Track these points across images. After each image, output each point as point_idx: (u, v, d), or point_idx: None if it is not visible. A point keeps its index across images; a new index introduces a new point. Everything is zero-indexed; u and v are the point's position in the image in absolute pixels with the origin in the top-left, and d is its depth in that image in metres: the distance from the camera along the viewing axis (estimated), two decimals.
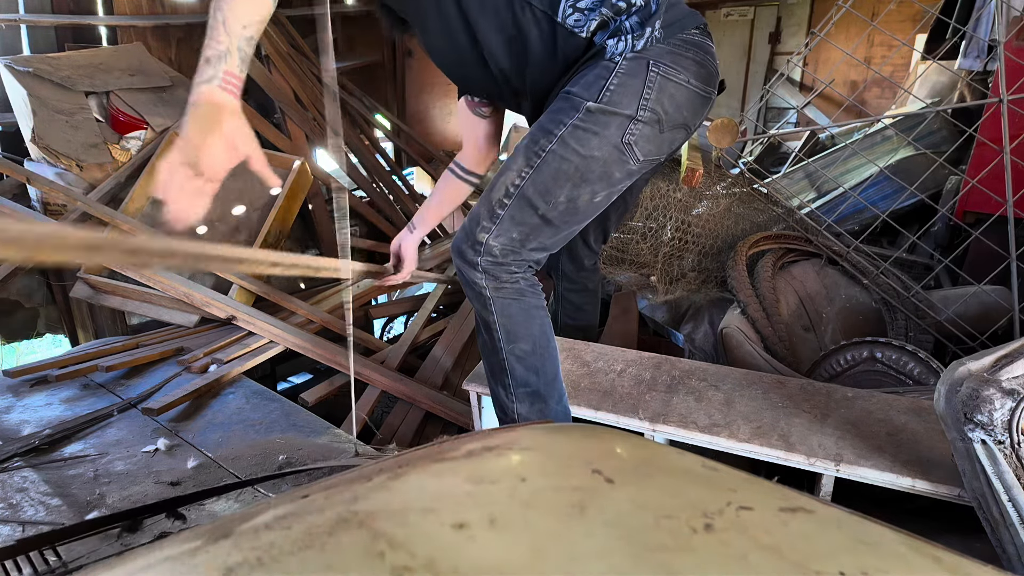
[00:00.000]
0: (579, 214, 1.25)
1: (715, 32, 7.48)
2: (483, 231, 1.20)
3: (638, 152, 1.21)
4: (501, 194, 1.21)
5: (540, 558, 0.36)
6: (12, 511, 1.17)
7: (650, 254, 2.28)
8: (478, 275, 1.21)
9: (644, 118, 1.17)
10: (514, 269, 1.22)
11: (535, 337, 1.24)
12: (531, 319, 1.24)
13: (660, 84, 1.17)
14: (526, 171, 1.20)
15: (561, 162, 1.18)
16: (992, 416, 0.86)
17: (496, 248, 1.20)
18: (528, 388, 1.25)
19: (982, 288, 2.03)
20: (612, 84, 1.16)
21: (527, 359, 1.24)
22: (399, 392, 1.98)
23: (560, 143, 1.17)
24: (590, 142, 1.17)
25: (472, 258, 1.21)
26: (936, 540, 0.44)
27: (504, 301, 1.22)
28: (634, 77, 1.16)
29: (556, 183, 1.19)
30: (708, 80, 1.25)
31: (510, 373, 1.25)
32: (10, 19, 2.44)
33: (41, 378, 1.73)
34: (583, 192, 1.21)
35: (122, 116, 2.35)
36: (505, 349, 1.24)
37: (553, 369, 1.27)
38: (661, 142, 1.24)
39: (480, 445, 0.50)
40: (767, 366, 1.71)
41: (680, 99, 1.20)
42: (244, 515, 0.42)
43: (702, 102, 1.26)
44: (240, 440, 1.47)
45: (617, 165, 1.21)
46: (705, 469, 0.49)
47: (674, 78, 1.18)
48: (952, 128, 2.99)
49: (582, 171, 1.18)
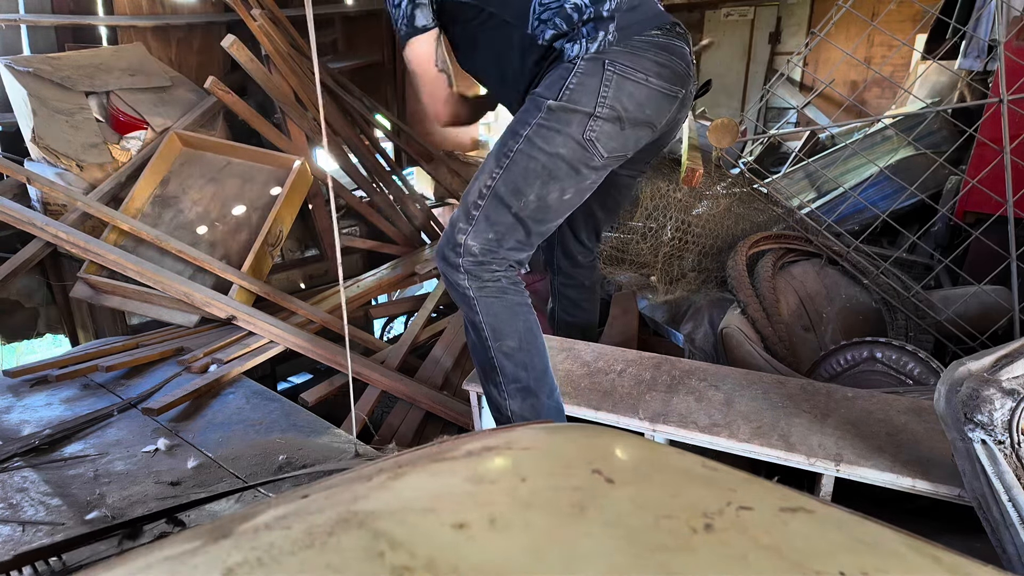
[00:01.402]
0: (551, 211, 1.29)
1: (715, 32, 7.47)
2: (461, 232, 1.25)
3: (601, 148, 1.26)
4: (475, 196, 1.26)
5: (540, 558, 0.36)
6: (12, 511, 1.17)
7: (650, 254, 2.28)
8: (460, 276, 1.25)
9: (603, 115, 1.23)
10: (495, 268, 1.26)
11: (520, 333, 1.27)
12: (515, 316, 1.27)
13: (617, 82, 1.23)
14: (496, 172, 1.25)
15: (528, 160, 1.23)
16: (992, 416, 0.86)
17: (475, 248, 1.24)
18: (518, 384, 1.28)
19: (982, 288, 2.03)
20: (571, 83, 1.23)
21: (515, 355, 1.27)
22: (399, 392, 1.98)
23: (526, 142, 1.24)
24: (554, 139, 1.23)
25: (454, 260, 1.25)
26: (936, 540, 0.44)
27: (488, 300, 1.26)
28: (591, 76, 1.23)
29: (525, 182, 1.24)
30: (673, 80, 1.29)
31: (500, 370, 1.28)
32: (10, 19, 2.44)
33: (41, 378, 1.73)
34: (552, 190, 1.25)
35: (122, 116, 2.35)
36: (493, 347, 1.27)
37: (542, 364, 1.30)
38: (625, 139, 1.29)
39: (480, 445, 0.50)
40: (767, 366, 1.71)
41: (639, 97, 1.25)
42: (244, 515, 0.42)
43: (667, 100, 1.30)
44: (240, 440, 1.47)
45: (582, 162, 1.26)
46: (705, 469, 0.49)
47: (631, 76, 1.23)
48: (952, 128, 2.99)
49: (549, 168, 1.24)
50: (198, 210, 2.33)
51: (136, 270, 1.93)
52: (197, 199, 2.34)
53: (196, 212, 2.32)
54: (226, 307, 1.99)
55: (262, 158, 2.45)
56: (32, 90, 2.18)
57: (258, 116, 2.59)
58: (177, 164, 2.35)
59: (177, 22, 2.90)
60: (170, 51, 2.93)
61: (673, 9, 6.75)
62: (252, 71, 2.46)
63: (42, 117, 2.14)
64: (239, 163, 2.43)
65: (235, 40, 2.32)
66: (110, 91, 2.38)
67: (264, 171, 2.44)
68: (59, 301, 2.47)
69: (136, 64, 2.56)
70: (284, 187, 2.34)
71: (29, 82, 2.20)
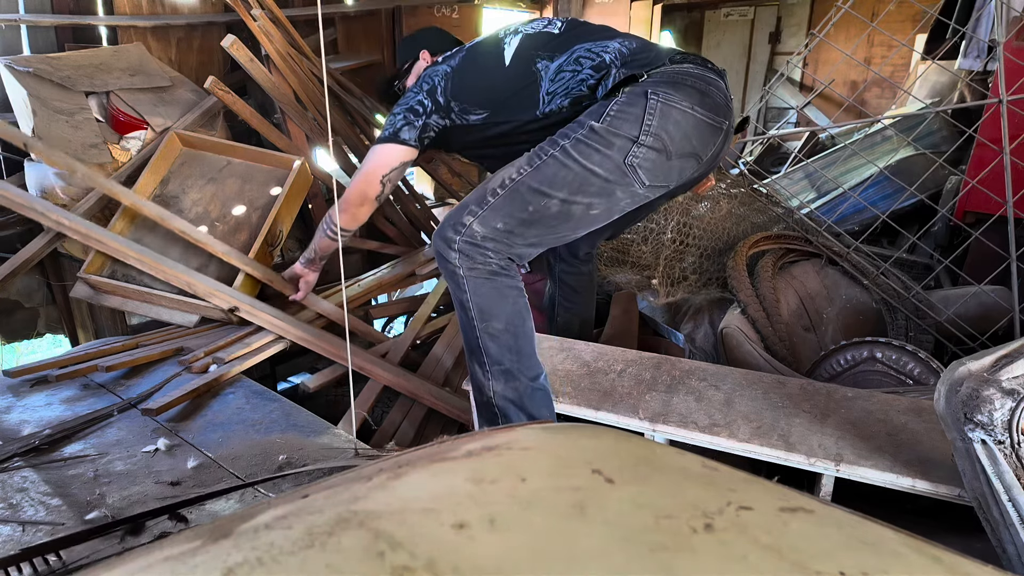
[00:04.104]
0: (572, 221, 1.27)
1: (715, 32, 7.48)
2: (469, 214, 1.24)
3: (643, 176, 1.24)
4: (496, 184, 1.25)
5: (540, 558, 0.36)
6: (12, 511, 1.17)
7: (651, 256, 2.28)
8: (453, 254, 1.24)
9: (647, 143, 1.21)
10: (490, 255, 1.25)
11: (508, 316, 1.26)
12: (504, 298, 1.26)
13: (662, 110, 1.20)
14: (525, 168, 1.24)
15: (560, 167, 1.22)
16: (992, 416, 0.86)
17: (478, 232, 1.23)
18: (502, 366, 1.27)
19: (982, 288, 2.03)
20: (613, 110, 1.22)
21: (500, 337, 1.26)
22: (401, 387, 1.98)
23: (563, 151, 1.22)
24: (592, 157, 1.21)
25: (451, 236, 1.25)
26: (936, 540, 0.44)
27: (476, 280, 1.25)
28: (634, 105, 1.21)
29: (552, 185, 1.22)
30: (716, 110, 1.27)
31: (484, 351, 1.27)
32: (10, 19, 2.44)
33: (41, 378, 1.73)
34: (579, 201, 1.24)
35: (122, 116, 2.35)
36: (479, 327, 1.26)
37: (528, 348, 1.29)
38: (669, 170, 1.27)
39: (480, 445, 0.50)
40: (767, 366, 1.71)
41: (686, 126, 1.23)
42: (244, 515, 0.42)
43: (711, 131, 1.28)
44: (240, 440, 1.47)
45: (621, 186, 1.24)
46: (705, 469, 0.49)
47: (676, 104, 1.21)
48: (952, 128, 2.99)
49: (580, 181, 1.22)
50: (198, 210, 2.33)
51: (138, 258, 1.92)
52: (197, 199, 2.34)
53: (196, 212, 2.32)
54: (229, 298, 1.97)
55: (262, 158, 2.44)
56: (32, 90, 2.18)
57: (258, 116, 2.59)
58: (177, 164, 2.35)
59: (177, 22, 2.90)
60: (170, 51, 2.92)
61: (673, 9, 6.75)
62: (252, 71, 2.46)
63: (42, 117, 2.14)
64: (239, 163, 2.43)
65: (235, 40, 2.32)
66: (110, 91, 2.38)
67: (264, 171, 2.44)
68: (59, 301, 2.47)
69: (136, 64, 2.56)
70: (284, 187, 2.34)
71: (29, 82, 2.20)
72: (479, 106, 1.44)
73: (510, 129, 1.44)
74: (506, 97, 1.41)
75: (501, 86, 1.42)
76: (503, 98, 1.42)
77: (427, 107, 1.47)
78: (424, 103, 1.47)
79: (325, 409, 1.91)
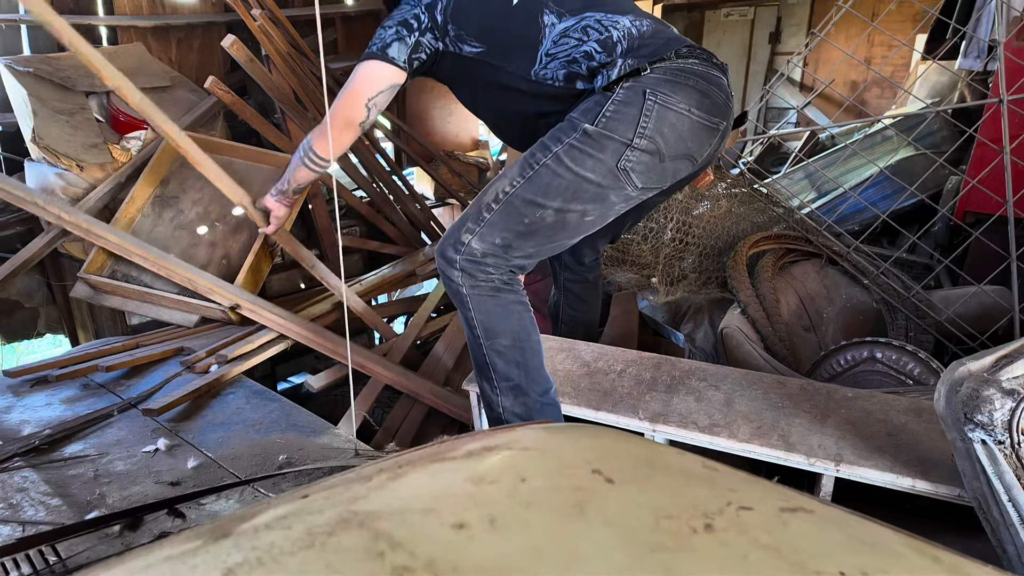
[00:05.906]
0: (568, 229, 1.26)
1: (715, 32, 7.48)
2: (467, 232, 1.24)
3: (636, 179, 1.22)
4: (491, 199, 1.24)
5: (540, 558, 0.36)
6: (12, 511, 1.17)
7: (651, 255, 2.28)
8: (455, 273, 1.24)
9: (641, 146, 1.19)
10: (491, 270, 1.25)
11: (515, 332, 1.26)
12: (509, 314, 1.26)
13: (658, 112, 1.18)
14: (518, 180, 1.23)
15: (553, 177, 1.21)
16: (992, 416, 0.86)
17: (477, 250, 1.23)
18: (510, 382, 1.27)
19: (982, 288, 2.03)
20: (608, 110, 1.19)
21: (507, 353, 1.26)
22: (402, 386, 1.97)
23: (555, 159, 1.21)
24: (585, 163, 1.19)
25: (451, 255, 1.24)
26: (936, 540, 0.44)
27: (480, 298, 1.25)
28: (631, 105, 1.19)
29: (546, 195, 1.21)
30: (714, 111, 1.25)
31: (492, 368, 1.27)
32: (10, 19, 2.44)
33: (41, 378, 1.73)
34: (573, 209, 1.23)
35: (122, 116, 2.35)
36: (485, 345, 1.26)
37: (536, 363, 1.28)
38: (662, 171, 1.25)
39: (480, 445, 0.50)
40: (767, 366, 1.71)
41: (681, 129, 1.21)
42: (244, 515, 0.42)
43: (708, 133, 1.27)
44: (240, 440, 1.47)
45: (614, 190, 1.23)
46: (705, 469, 0.49)
47: (673, 107, 1.19)
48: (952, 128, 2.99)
49: (574, 188, 1.21)
50: (198, 210, 2.33)
51: (140, 254, 1.92)
52: (197, 199, 2.34)
53: (196, 212, 2.32)
54: (230, 295, 1.97)
55: (262, 158, 2.44)
56: (32, 90, 2.18)
57: (258, 116, 2.59)
58: (177, 164, 2.35)
59: (177, 22, 2.90)
60: (170, 51, 2.92)
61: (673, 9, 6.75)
62: (252, 71, 2.46)
63: (42, 117, 2.14)
64: (239, 163, 2.43)
65: (235, 40, 2.32)
66: (110, 91, 2.38)
67: (264, 171, 2.44)
68: (59, 301, 2.47)
69: (136, 64, 2.56)
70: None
71: (29, 82, 2.20)
72: (476, 39, 1.34)
73: (500, 79, 1.35)
74: (504, 39, 1.33)
75: (501, 23, 1.33)
76: (501, 39, 1.33)
77: (423, 22, 1.35)
78: (420, 17, 1.35)
79: (325, 409, 1.91)
